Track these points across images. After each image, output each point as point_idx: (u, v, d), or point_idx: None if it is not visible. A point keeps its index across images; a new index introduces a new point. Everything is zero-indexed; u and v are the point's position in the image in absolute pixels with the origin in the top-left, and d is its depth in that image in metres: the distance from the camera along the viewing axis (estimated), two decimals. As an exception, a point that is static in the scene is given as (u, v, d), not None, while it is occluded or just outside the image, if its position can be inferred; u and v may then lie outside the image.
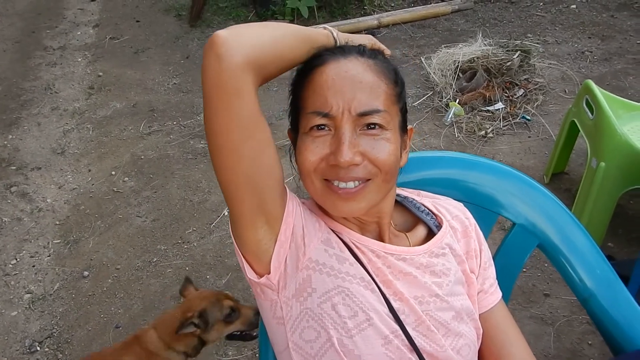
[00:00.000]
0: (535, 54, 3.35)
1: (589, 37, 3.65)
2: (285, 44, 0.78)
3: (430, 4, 4.37)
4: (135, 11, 4.82)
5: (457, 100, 3.05)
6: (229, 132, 0.73)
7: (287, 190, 0.84)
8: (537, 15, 4.04)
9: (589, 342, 1.82)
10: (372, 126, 0.78)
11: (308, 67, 0.81)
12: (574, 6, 4.09)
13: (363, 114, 0.76)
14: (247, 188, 0.76)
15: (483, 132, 2.85)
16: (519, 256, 1.12)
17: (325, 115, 0.76)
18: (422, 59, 3.46)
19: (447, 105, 3.05)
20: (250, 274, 0.81)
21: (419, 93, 3.24)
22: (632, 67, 3.26)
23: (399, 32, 4.08)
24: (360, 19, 4.18)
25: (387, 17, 4.17)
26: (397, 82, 0.84)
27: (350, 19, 4.23)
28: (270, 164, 0.77)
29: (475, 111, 3.00)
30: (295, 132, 0.85)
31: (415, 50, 3.77)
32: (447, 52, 3.34)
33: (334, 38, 0.86)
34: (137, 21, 4.62)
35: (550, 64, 3.34)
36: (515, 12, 4.13)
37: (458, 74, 3.19)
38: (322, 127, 0.78)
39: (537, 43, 3.58)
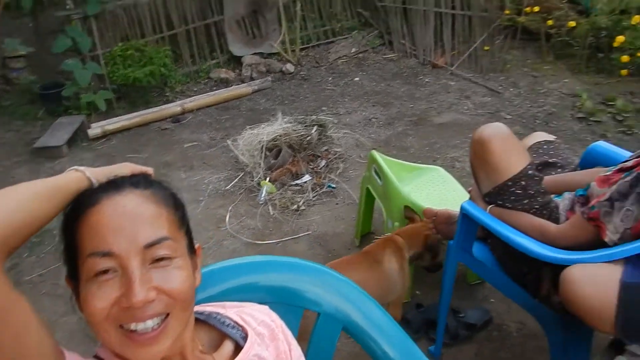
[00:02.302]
0: (331, 126, 3.69)
1: (373, 105, 4.13)
2: (29, 210, 0.73)
3: (232, 86, 4.57)
4: None
5: (268, 179, 3.19)
6: None
7: (66, 353, 0.78)
8: (328, 89, 4.48)
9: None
10: (161, 257, 0.77)
11: (79, 208, 0.77)
12: (357, 79, 4.62)
13: (149, 246, 0.75)
14: None
15: (296, 206, 3.01)
16: (328, 343, 1.19)
17: (107, 255, 0.73)
18: (229, 142, 3.58)
19: (259, 184, 3.17)
20: None
21: (231, 176, 3.33)
22: (410, 128, 3.76)
23: (204, 115, 4.18)
24: (163, 106, 4.20)
25: (191, 102, 4.25)
26: (177, 207, 0.84)
27: (152, 107, 4.22)
28: (37, 340, 0.71)
29: (286, 186, 3.17)
30: (74, 279, 0.79)
31: (222, 132, 3.88)
32: (252, 133, 3.51)
33: (88, 178, 0.83)
34: None
35: (345, 133, 3.69)
36: (309, 88, 4.52)
37: (265, 153, 3.35)
38: (107, 270, 0.74)
39: (331, 115, 3.95)
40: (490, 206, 1.63)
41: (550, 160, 1.83)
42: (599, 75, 4.15)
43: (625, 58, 3.78)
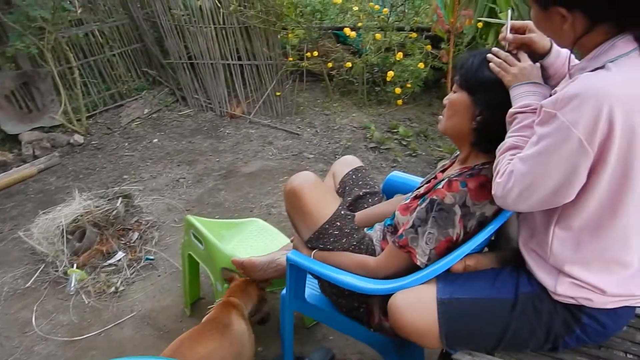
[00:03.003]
0: (137, 194, 3.48)
1: (178, 165, 4.02)
2: None
3: (12, 168, 4.06)
4: None
5: (75, 265, 2.87)
6: None
7: None
8: (127, 155, 4.24)
9: None
10: None
11: None
12: (156, 140, 4.46)
13: None
14: None
15: (113, 288, 2.75)
16: None
17: None
18: (21, 233, 3.15)
19: (66, 273, 2.84)
20: None
21: (29, 270, 2.92)
22: (220, 182, 3.73)
23: (-17, 208, 3.63)
24: None
25: (-37, 195, 3.67)
26: None
27: None
28: None
29: (98, 269, 2.89)
30: None
31: (9, 223, 3.41)
32: (47, 218, 3.13)
33: None
34: None
35: (154, 199, 3.52)
36: (105, 158, 4.23)
37: (67, 237, 3.02)
38: None
39: (135, 182, 3.74)
40: (314, 251, 1.67)
41: (361, 193, 1.95)
42: (380, 106, 4.63)
43: (397, 90, 4.29)
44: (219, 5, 4.53)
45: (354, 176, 2.02)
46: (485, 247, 1.64)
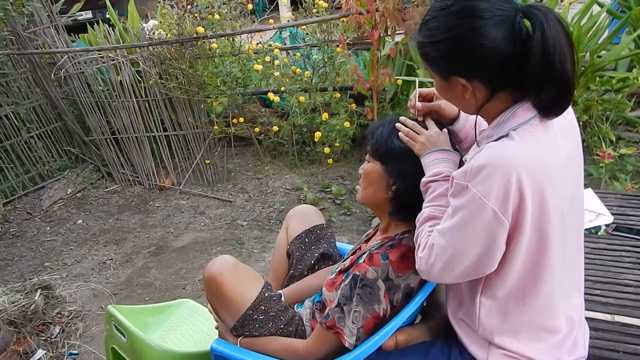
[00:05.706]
0: (59, 282, 3.25)
1: (105, 246, 3.81)
2: None
3: None
4: None
5: (-13, 372, 2.60)
6: None
7: None
8: (49, 240, 3.99)
9: None
10: None
11: None
12: (80, 221, 4.23)
13: None
14: None
15: (31, 394, 2.50)
16: None
17: None
18: None
19: (-24, 383, 2.56)
20: None
21: None
22: (150, 260, 3.55)
23: None
24: None
25: None
26: None
27: None
28: None
29: (14, 373, 2.62)
30: None
31: None
32: (-45, 321, 2.85)
33: None
34: None
35: (78, 286, 3.29)
36: (25, 245, 3.95)
37: (-22, 341, 2.74)
38: None
39: (57, 270, 3.49)
40: (240, 339, 1.57)
41: (304, 271, 1.82)
42: (312, 166, 4.62)
43: (326, 150, 4.30)
44: (139, 79, 4.46)
45: (306, 239, 1.84)
46: (418, 316, 1.59)
